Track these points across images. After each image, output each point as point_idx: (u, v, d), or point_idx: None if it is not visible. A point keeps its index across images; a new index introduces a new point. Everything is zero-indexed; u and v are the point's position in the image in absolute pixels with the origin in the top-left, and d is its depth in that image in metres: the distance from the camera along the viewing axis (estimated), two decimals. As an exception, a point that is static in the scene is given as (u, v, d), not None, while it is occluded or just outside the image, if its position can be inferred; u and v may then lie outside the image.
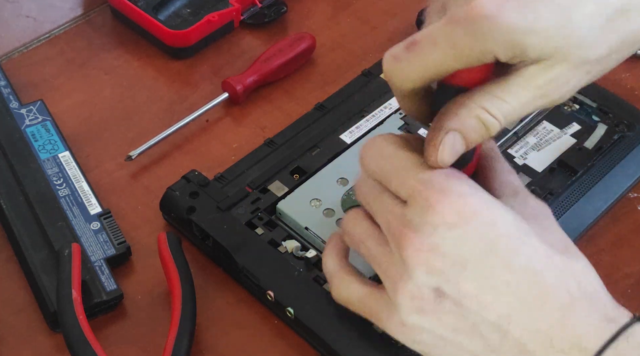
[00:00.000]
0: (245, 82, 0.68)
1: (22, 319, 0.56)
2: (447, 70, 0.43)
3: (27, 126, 0.64)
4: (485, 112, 0.44)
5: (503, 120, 0.44)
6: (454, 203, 0.43)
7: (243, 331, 0.56)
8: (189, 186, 0.59)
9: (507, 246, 0.43)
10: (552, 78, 0.43)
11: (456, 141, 0.44)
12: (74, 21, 0.75)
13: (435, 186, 0.43)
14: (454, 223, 0.43)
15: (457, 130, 0.44)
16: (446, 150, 0.44)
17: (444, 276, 0.43)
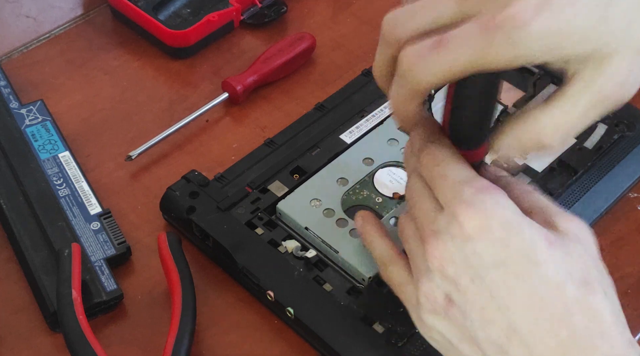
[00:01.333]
0: (245, 82, 0.68)
1: (22, 319, 0.56)
2: (473, 71, 0.42)
3: (27, 126, 0.64)
4: (543, 130, 0.44)
5: (563, 134, 0.45)
6: (474, 217, 0.43)
7: (243, 331, 0.56)
8: (189, 186, 0.59)
9: (517, 269, 0.43)
10: (605, 76, 0.43)
11: (511, 148, 0.46)
12: (74, 21, 0.75)
13: (465, 198, 0.44)
14: (470, 236, 0.43)
15: (514, 140, 0.45)
16: (499, 150, 0.46)
17: (455, 286, 0.44)
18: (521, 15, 0.40)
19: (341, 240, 0.56)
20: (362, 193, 0.59)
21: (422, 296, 0.46)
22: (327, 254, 0.56)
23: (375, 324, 0.52)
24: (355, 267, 0.54)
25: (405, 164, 0.50)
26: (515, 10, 0.40)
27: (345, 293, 0.54)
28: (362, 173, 0.60)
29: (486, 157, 0.50)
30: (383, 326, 0.52)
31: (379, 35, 0.48)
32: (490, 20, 0.40)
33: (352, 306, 0.53)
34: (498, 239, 0.43)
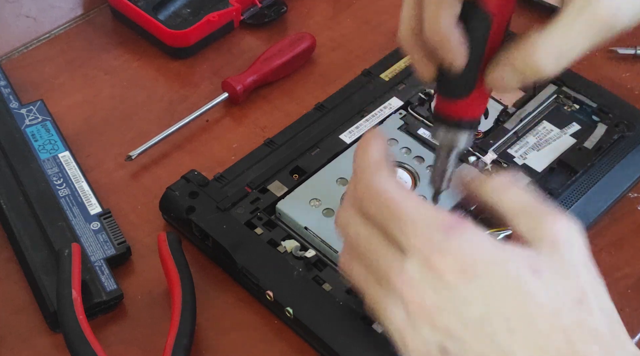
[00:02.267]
0: (245, 82, 0.68)
1: (22, 319, 0.56)
2: None
3: (27, 126, 0.64)
4: (537, 50, 0.45)
5: (558, 56, 0.45)
6: (452, 263, 0.42)
7: (243, 331, 0.56)
8: (189, 186, 0.59)
9: (509, 306, 0.41)
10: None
11: (507, 73, 0.46)
12: (74, 21, 0.75)
13: (436, 244, 0.42)
14: (453, 283, 0.42)
15: (507, 64, 0.46)
16: (498, 81, 0.46)
17: (449, 335, 0.42)
18: None
19: (341, 240, 0.56)
20: (361, 193, 0.59)
21: (411, 351, 0.42)
22: (326, 254, 0.56)
23: (374, 324, 0.52)
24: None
25: (346, 198, 0.48)
26: None
27: (345, 292, 0.54)
28: (362, 173, 0.60)
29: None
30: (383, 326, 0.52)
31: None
32: None
33: (351, 306, 0.53)
34: (482, 280, 0.41)
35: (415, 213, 0.43)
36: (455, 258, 0.42)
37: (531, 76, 0.46)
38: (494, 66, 0.47)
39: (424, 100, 0.65)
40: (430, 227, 0.42)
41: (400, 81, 0.66)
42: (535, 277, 0.41)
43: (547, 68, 0.46)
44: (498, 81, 0.47)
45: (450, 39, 0.46)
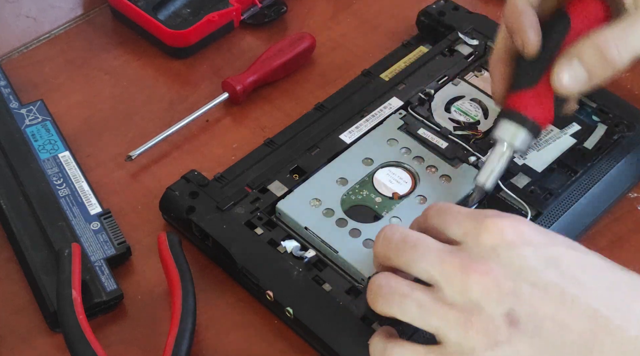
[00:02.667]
0: (245, 82, 0.68)
1: (22, 319, 0.56)
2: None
3: (27, 126, 0.64)
4: (596, 38, 0.50)
5: (618, 44, 0.49)
6: (510, 223, 0.44)
7: (243, 331, 0.56)
8: (189, 186, 0.59)
9: (571, 262, 0.43)
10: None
11: (573, 66, 0.51)
12: (74, 21, 0.75)
13: (489, 214, 0.44)
14: (513, 241, 0.43)
15: (572, 56, 0.50)
16: (564, 74, 0.51)
17: (516, 298, 0.42)
18: None
19: (341, 240, 0.56)
20: (361, 193, 0.59)
21: (476, 337, 0.42)
22: (326, 254, 0.56)
23: (374, 324, 0.52)
24: (354, 267, 0.54)
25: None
26: None
27: (345, 293, 0.54)
28: (362, 173, 0.60)
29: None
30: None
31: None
32: None
33: (351, 306, 0.53)
34: (536, 237, 0.43)
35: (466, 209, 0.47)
36: (509, 220, 0.44)
37: (599, 69, 0.50)
38: (562, 60, 0.51)
39: (424, 100, 0.65)
40: (485, 212, 0.45)
41: (400, 81, 0.66)
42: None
43: (616, 60, 0.50)
44: (564, 77, 0.51)
45: (525, 21, 0.51)
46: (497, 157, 0.55)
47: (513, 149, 0.55)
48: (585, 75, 0.51)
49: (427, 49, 0.70)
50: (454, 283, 0.43)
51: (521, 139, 0.54)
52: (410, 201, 0.58)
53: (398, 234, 0.47)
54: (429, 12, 0.71)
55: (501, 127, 0.55)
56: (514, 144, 0.54)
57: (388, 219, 0.57)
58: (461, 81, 0.67)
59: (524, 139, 0.54)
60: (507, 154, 0.55)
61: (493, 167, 0.55)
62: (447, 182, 0.60)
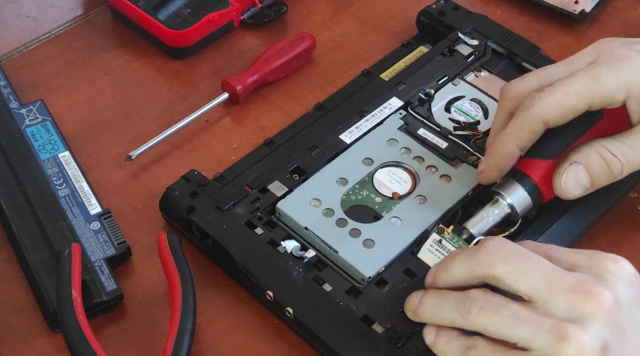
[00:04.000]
0: (245, 82, 0.68)
1: (22, 319, 0.56)
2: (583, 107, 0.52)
3: (27, 126, 0.64)
4: (606, 150, 0.53)
5: (624, 160, 0.52)
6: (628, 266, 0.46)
7: (243, 331, 0.56)
8: (189, 186, 0.59)
9: None
10: None
11: (579, 173, 0.53)
12: (74, 21, 0.75)
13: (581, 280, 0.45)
14: (632, 283, 0.45)
15: (579, 162, 0.53)
16: (569, 179, 0.53)
17: (618, 332, 0.44)
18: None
19: (341, 240, 0.56)
20: (361, 193, 0.59)
21: (567, 346, 0.44)
22: (326, 254, 0.56)
23: (374, 324, 0.52)
24: (354, 267, 0.54)
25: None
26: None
27: (345, 293, 0.54)
28: (362, 173, 0.60)
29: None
30: (382, 327, 0.52)
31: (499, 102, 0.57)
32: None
33: (351, 307, 0.53)
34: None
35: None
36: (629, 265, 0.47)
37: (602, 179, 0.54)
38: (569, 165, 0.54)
39: (424, 100, 0.65)
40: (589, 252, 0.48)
41: (400, 81, 0.66)
42: None
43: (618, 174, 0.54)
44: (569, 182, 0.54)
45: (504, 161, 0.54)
46: (492, 211, 0.55)
47: (508, 210, 0.55)
48: (588, 182, 0.54)
49: (427, 49, 0.70)
50: (562, 298, 0.45)
51: (522, 204, 0.55)
52: (410, 201, 0.58)
53: (509, 245, 0.48)
54: (429, 12, 0.71)
55: (506, 186, 0.55)
56: (513, 205, 0.55)
57: (388, 219, 0.57)
58: (461, 81, 0.67)
59: (525, 204, 0.55)
60: (502, 213, 0.55)
61: (487, 220, 0.55)
62: (447, 182, 0.60)
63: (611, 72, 0.53)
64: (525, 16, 0.75)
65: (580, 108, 0.53)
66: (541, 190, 0.55)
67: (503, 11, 0.76)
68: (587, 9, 0.74)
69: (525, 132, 0.53)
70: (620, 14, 0.76)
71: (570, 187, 0.53)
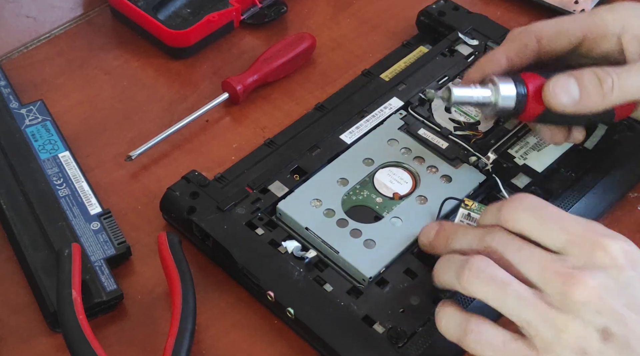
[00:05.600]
0: (245, 82, 0.68)
1: (22, 319, 0.56)
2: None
3: (27, 126, 0.64)
4: (600, 69, 0.52)
5: (617, 79, 0.51)
6: (622, 246, 0.44)
7: (243, 331, 0.56)
8: (189, 186, 0.59)
9: None
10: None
11: (570, 81, 0.52)
12: (74, 21, 0.75)
13: (598, 230, 0.45)
14: (623, 265, 0.44)
15: (572, 75, 0.53)
16: (558, 85, 0.53)
17: (615, 316, 0.43)
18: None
19: (341, 240, 0.56)
20: (362, 193, 0.59)
21: (566, 340, 0.43)
22: (327, 255, 0.56)
23: (375, 324, 0.52)
24: (355, 267, 0.54)
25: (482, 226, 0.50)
26: None
27: (346, 293, 0.54)
28: (362, 173, 0.60)
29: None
30: (383, 327, 0.52)
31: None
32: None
33: (352, 307, 0.53)
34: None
35: (567, 215, 0.47)
36: (622, 242, 0.45)
37: (592, 95, 0.53)
38: (561, 75, 0.53)
39: (424, 100, 0.65)
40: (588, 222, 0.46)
41: (400, 81, 0.66)
42: None
43: (609, 93, 0.53)
44: (558, 87, 0.53)
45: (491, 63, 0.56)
46: (478, 87, 0.55)
47: (491, 94, 0.54)
48: (577, 95, 0.53)
49: (427, 49, 0.70)
50: (555, 287, 0.44)
51: (506, 98, 0.54)
52: (410, 201, 0.58)
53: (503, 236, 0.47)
54: (429, 12, 0.71)
55: (502, 79, 0.55)
56: (499, 91, 0.54)
57: (389, 219, 0.57)
58: (461, 81, 0.67)
59: (508, 101, 0.54)
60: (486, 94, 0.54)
61: (470, 90, 0.54)
62: (448, 182, 0.60)
63: (608, 8, 0.55)
64: (525, 16, 0.75)
65: (574, 35, 0.55)
66: (528, 101, 0.54)
67: (503, 11, 0.76)
68: (587, 8, 0.74)
69: (516, 43, 0.55)
70: (620, 14, 0.76)
71: (558, 92, 0.53)
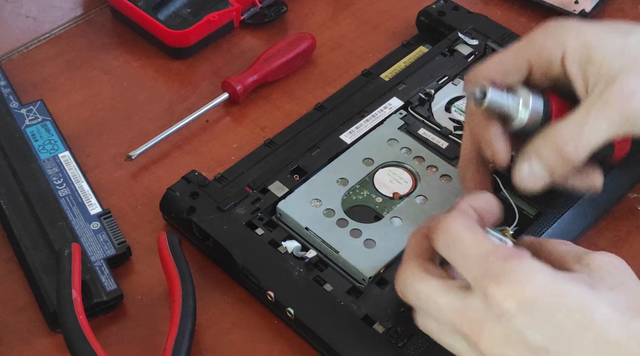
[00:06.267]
0: (245, 82, 0.68)
1: (22, 319, 0.56)
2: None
3: (27, 126, 0.64)
4: (554, 134, 0.49)
5: (576, 140, 0.49)
6: (511, 292, 0.43)
7: (243, 331, 0.56)
8: (189, 186, 0.59)
9: (575, 324, 0.42)
10: (621, 90, 0.48)
11: (533, 165, 0.50)
12: (74, 21, 0.75)
13: (492, 273, 0.43)
14: (514, 312, 0.42)
15: (531, 154, 0.50)
16: (523, 173, 0.50)
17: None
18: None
19: (341, 240, 0.56)
20: (362, 193, 0.59)
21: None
22: (327, 255, 0.56)
23: (375, 324, 0.52)
24: (355, 267, 0.54)
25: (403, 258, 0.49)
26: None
27: (346, 293, 0.54)
28: (362, 173, 0.60)
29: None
30: (383, 327, 0.52)
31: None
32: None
33: (352, 307, 0.53)
34: (542, 307, 0.42)
35: (475, 247, 0.45)
36: (511, 285, 0.42)
37: (559, 167, 0.50)
38: (522, 159, 0.51)
39: (424, 100, 0.65)
40: (488, 259, 0.44)
41: (400, 81, 0.66)
42: (595, 292, 0.42)
43: (572, 153, 0.49)
44: (525, 176, 0.51)
45: (492, 134, 0.52)
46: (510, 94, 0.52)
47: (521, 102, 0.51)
48: (545, 173, 0.51)
49: (427, 49, 0.70)
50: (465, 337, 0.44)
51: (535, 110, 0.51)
52: (410, 201, 0.58)
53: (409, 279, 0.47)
54: (429, 12, 0.71)
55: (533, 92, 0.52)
56: (529, 103, 0.51)
57: (389, 219, 0.57)
58: (461, 81, 0.67)
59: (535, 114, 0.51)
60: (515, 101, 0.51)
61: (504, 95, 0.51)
62: (448, 182, 0.60)
63: (546, 32, 0.52)
64: (525, 16, 0.75)
65: (520, 67, 0.52)
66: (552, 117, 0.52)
67: (503, 11, 0.76)
68: (587, 8, 0.74)
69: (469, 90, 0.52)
70: (620, 14, 0.76)
71: (526, 180, 0.51)
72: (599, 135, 0.49)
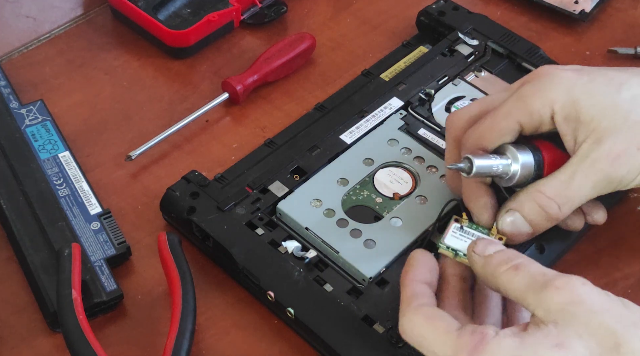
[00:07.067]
0: (245, 82, 0.68)
1: (22, 319, 0.56)
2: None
3: (27, 126, 0.64)
4: (539, 193, 0.50)
5: (560, 200, 0.49)
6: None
7: (243, 331, 0.56)
8: (189, 186, 0.59)
9: None
10: (607, 152, 0.48)
11: (516, 220, 0.51)
12: (74, 21, 0.75)
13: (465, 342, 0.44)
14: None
15: (515, 210, 0.51)
16: (506, 227, 0.51)
17: None
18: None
19: (342, 240, 0.56)
20: (362, 193, 0.59)
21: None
22: (327, 255, 0.56)
23: (375, 324, 0.52)
24: (355, 267, 0.54)
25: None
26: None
27: (346, 293, 0.54)
28: (362, 173, 0.60)
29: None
30: (383, 327, 0.52)
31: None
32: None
33: (352, 307, 0.53)
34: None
35: (441, 345, 0.45)
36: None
37: (542, 223, 0.51)
38: (505, 213, 0.51)
39: (424, 100, 0.65)
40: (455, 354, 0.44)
41: (400, 81, 0.66)
42: (567, 351, 0.42)
43: (558, 216, 0.50)
44: (507, 229, 0.51)
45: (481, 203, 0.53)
46: (498, 158, 0.52)
47: (511, 169, 0.52)
48: (529, 229, 0.51)
49: (427, 49, 0.70)
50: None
51: (525, 166, 0.52)
52: (410, 201, 0.58)
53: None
54: (429, 12, 0.71)
55: (520, 148, 0.52)
56: (518, 160, 0.52)
57: (389, 219, 0.57)
58: (461, 81, 0.67)
59: (526, 171, 0.52)
60: (505, 163, 0.52)
61: (491, 161, 0.52)
62: (448, 182, 0.60)
63: (535, 89, 0.51)
64: (525, 16, 0.75)
65: (512, 129, 0.51)
66: (544, 167, 0.52)
67: (503, 11, 0.76)
68: (587, 8, 0.74)
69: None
70: (620, 14, 0.76)
71: (510, 233, 0.52)
72: (584, 195, 0.50)
